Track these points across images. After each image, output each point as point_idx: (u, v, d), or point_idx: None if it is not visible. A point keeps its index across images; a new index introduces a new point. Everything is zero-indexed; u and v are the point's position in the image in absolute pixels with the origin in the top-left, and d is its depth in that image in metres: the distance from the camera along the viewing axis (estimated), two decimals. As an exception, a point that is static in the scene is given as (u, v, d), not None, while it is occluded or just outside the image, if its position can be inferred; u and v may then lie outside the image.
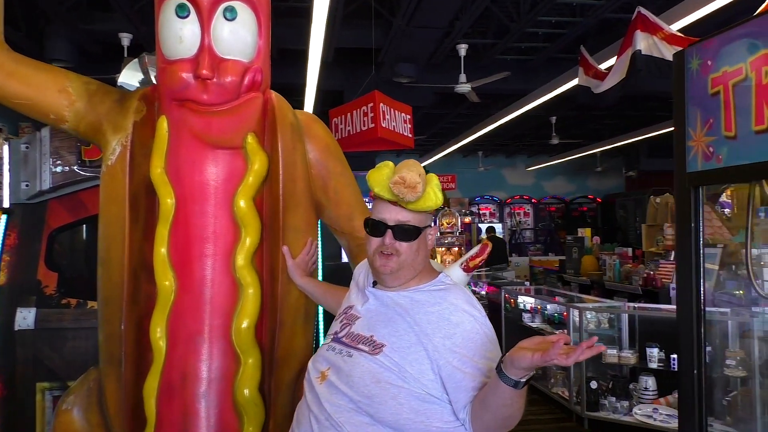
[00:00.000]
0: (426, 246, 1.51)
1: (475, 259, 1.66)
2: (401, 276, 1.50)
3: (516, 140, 13.78)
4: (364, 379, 1.39)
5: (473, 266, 1.66)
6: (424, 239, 1.51)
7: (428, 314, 1.41)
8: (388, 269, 1.48)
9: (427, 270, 1.53)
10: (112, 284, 1.94)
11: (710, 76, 1.81)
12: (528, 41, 7.41)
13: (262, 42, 1.97)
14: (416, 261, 1.49)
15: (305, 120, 2.13)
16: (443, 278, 1.52)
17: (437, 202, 1.45)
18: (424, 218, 1.50)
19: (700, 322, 2.03)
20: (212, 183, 1.96)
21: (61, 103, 1.94)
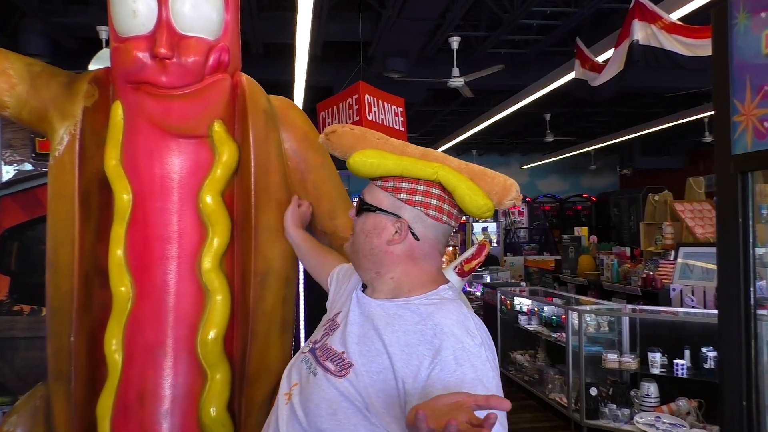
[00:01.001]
0: (383, 237, 1.23)
1: (471, 261, 1.45)
2: (358, 263, 1.29)
3: (510, 138, 13.62)
4: (319, 408, 1.15)
5: (469, 270, 1.45)
6: (381, 226, 1.24)
7: (407, 335, 1.13)
8: (346, 249, 1.32)
9: (422, 281, 1.24)
10: (61, 291, 1.72)
11: (765, 33, 1.50)
12: (521, 34, 7.22)
13: (230, 17, 1.75)
14: (366, 248, 1.25)
15: (280, 106, 1.90)
16: (443, 290, 1.23)
17: (364, 171, 1.24)
18: (381, 197, 1.25)
19: (749, 342, 1.62)
20: (174, 176, 1.74)
21: (1, 87, 1.71)
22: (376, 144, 1.31)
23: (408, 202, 1.23)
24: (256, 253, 1.74)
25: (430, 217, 1.23)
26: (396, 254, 1.23)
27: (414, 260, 1.24)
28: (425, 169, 1.22)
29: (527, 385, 5.41)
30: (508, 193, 1.24)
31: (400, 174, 1.24)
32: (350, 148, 1.32)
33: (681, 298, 5.05)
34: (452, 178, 1.21)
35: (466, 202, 1.21)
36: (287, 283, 1.84)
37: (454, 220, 1.26)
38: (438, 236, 1.25)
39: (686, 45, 4.40)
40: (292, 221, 1.77)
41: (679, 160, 13.80)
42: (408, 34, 6.27)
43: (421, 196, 1.22)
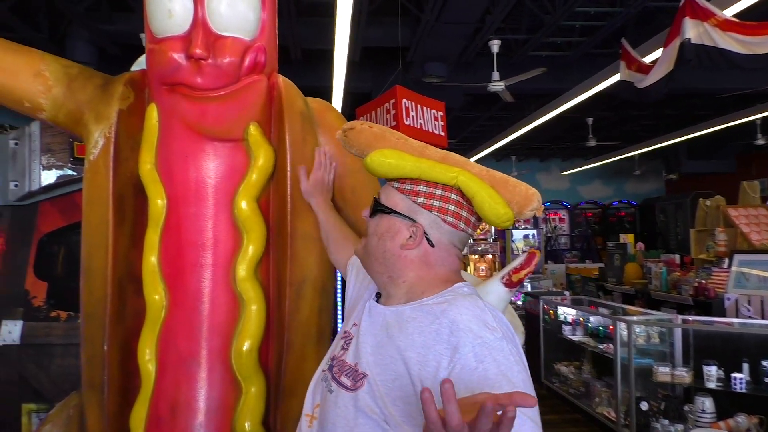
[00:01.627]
0: (396, 240, 1.16)
1: (520, 271, 1.34)
2: (369, 266, 1.22)
3: (550, 143, 13.34)
4: (336, 427, 1.09)
5: (518, 280, 1.34)
6: (395, 230, 1.17)
7: (422, 335, 1.06)
8: (357, 252, 1.25)
9: (436, 282, 1.17)
10: (95, 298, 1.68)
11: None
12: (563, 36, 7.04)
13: (267, 16, 1.69)
14: (378, 252, 1.18)
15: (318, 108, 1.84)
16: (457, 287, 1.16)
17: (381, 171, 1.19)
18: (397, 199, 1.18)
19: None
20: (209, 181, 1.69)
21: (37, 89, 1.69)
22: (395, 144, 1.25)
23: (425, 206, 1.17)
24: (291, 261, 1.68)
25: (447, 224, 1.16)
26: (409, 259, 1.17)
27: (428, 265, 1.17)
28: (445, 173, 1.16)
29: (572, 398, 5.22)
30: (529, 203, 1.19)
31: (418, 177, 1.18)
32: (368, 147, 1.27)
33: (736, 308, 4.80)
34: (472, 185, 1.15)
35: (485, 210, 1.15)
36: (323, 293, 1.77)
37: (472, 227, 1.19)
38: (454, 243, 1.18)
39: (743, 43, 4.18)
40: (316, 194, 1.69)
41: (729, 164, 13.28)
42: (447, 38, 6.17)
43: (439, 201, 1.16)
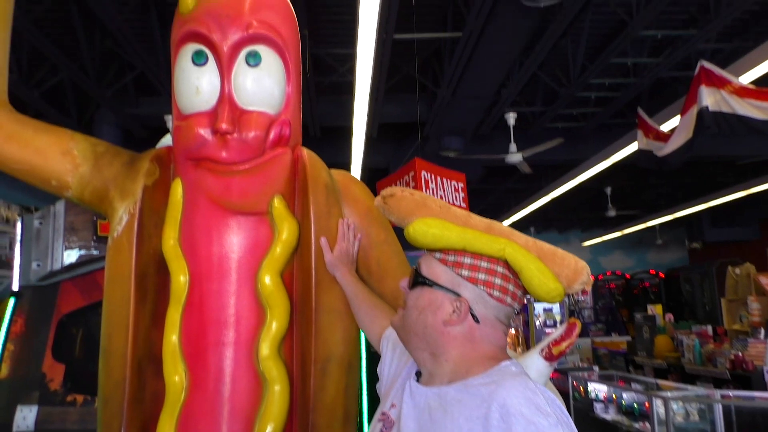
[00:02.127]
0: (438, 315, 1.10)
1: (561, 343, 1.26)
2: (408, 341, 1.15)
3: (569, 214, 13.30)
4: None
5: (558, 353, 1.26)
6: (437, 304, 1.11)
7: (469, 421, 0.98)
8: (394, 324, 1.19)
9: (480, 360, 1.09)
10: (113, 380, 1.61)
11: None
12: (579, 107, 7.13)
13: (291, 90, 1.70)
14: (418, 327, 1.12)
15: (342, 180, 1.82)
16: (504, 366, 1.07)
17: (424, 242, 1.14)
18: (439, 270, 1.13)
19: None
20: (232, 256, 1.65)
21: (64, 168, 1.69)
22: (438, 212, 1.21)
23: (470, 279, 1.11)
24: (316, 337, 1.61)
25: (493, 298, 1.10)
26: (453, 335, 1.10)
27: (473, 342, 1.11)
28: (491, 245, 1.11)
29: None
30: (579, 277, 1.14)
31: (463, 248, 1.12)
32: (409, 215, 1.22)
33: (778, 382, 4.56)
34: (520, 258, 1.10)
35: (534, 285, 1.10)
36: (350, 371, 1.69)
37: (518, 301, 1.14)
38: (500, 318, 1.12)
39: (761, 108, 4.18)
40: (340, 268, 1.64)
41: (753, 231, 13.08)
42: (463, 112, 6.28)
43: (485, 273, 1.11)
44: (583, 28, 5.52)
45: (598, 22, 5.56)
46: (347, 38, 4.13)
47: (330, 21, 5.17)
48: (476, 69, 5.28)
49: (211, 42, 1.58)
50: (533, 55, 5.37)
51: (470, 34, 4.72)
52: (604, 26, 5.63)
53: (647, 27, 5.44)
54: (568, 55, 5.94)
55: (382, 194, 1.30)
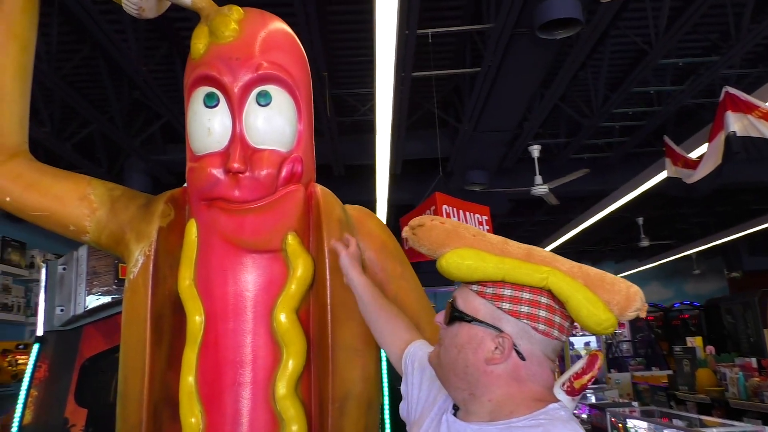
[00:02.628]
0: (480, 353, 1.01)
1: (582, 376, 1.19)
2: (446, 379, 1.07)
3: (601, 245, 13.07)
4: None
5: (580, 387, 1.19)
6: (477, 341, 1.02)
7: None
8: (430, 360, 1.11)
9: (526, 401, 1.02)
10: (129, 425, 1.60)
11: None
12: (603, 137, 7.07)
13: (303, 128, 1.71)
14: (457, 366, 1.03)
15: (357, 215, 1.81)
16: (552, 409, 1.00)
17: (458, 275, 1.04)
18: (478, 304, 1.03)
19: None
20: (247, 294, 1.64)
21: (82, 213, 1.71)
22: (472, 241, 1.11)
23: (511, 313, 1.01)
24: (333, 375, 1.58)
25: (539, 332, 1.01)
26: (496, 374, 1.01)
27: (518, 381, 1.02)
28: (532, 275, 1.02)
29: None
30: (632, 304, 1.04)
31: (502, 279, 1.03)
32: (441, 246, 1.13)
33: (830, 416, 4.32)
34: (565, 287, 1.01)
35: (582, 317, 1.01)
36: (369, 410, 1.65)
37: (566, 334, 1.05)
38: (547, 354, 1.03)
39: (791, 132, 4.09)
40: (354, 268, 1.57)
41: (794, 258, 12.68)
42: (486, 146, 6.28)
43: (528, 306, 1.01)
44: (602, 58, 5.52)
45: (618, 52, 5.55)
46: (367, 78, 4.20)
47: (348, 62, 5.26)
48: (496, 103, 5.30)
49: (222, 84, 1.60)
50: (553, 87, 5.37)
51: (488, 69, 4.75)
52: (624, 56, 5.62)
53: (667, 55, 5.41)
54: (590, 86, 5.93)
55: (411, 225, 1.23)
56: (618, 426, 5.40)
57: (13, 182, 1.70)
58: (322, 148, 6.59)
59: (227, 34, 1.63)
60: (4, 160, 1.71)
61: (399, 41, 3.65)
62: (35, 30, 1.78)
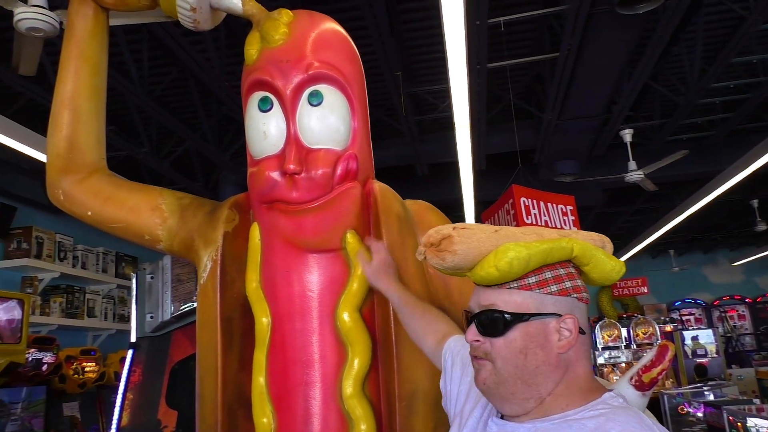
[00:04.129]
0: (549, 346, 0.95)
1: (651, 369, 1.09)
2: (507, 397, 0.97)
3: (713, 231, 12.16)
4: None
5: (650, 381, 1.09)
6: (543, 335, 0.95)
7: None
8: (482, 385, 0.98)
9: (581, 389, 0.96)
10: (207, 425, 1.65)
11: None
12: (703, 115, 6.58)
13: (358, 125, 1.70)
14: (527, 371, 0.95)
15: (417, 210, 1.78)
16: (608, 398, 0.94)
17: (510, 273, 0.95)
18: (525, 298, 0.96)
19: None
20: (310, 294, 1.65)
21: (154, 222, 1.80)
22: (497, 237, 1.03)
23: (561, 292, 0.97)
24: (399, 373, 1.55)
25: (582, 301, 1.00)
26: (561, 363, 0.96)
27: (572, 365, 0.97)
28: (563, 249, 0.99)
29: None
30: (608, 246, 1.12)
31: (543, 262, 0.98)
32: (479, 253, 1.02)
33: None
34: (586, 249, 1.01)
35: (607, 270, 1.03)
36: (437, 407, 1.58)
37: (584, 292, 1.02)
38: (586, 321, 1.00)
39: None
40: (382, 277, 1.53)
41: None
42: (573, 135, 6.01)
43: (568, 280, 0.99)
44: (695, 30, 5.12)
45: (713, 22, 5.13)
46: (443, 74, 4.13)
47: (424, 59, 5.21)
48: (580, 88, 5.05)
49: (274, 87, 1.63)
50: (641, 66, 5.05)
51: (567, 52, 4.55)
52: (720, 25, 5.19)
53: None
54: (684, 61, 5.53)
55: (430, 241, 1.08)
56: (737, 425, 4.98)
57: (94, 197, 1.81)
58: (403, 149, 6.62)
59: (277, 38, 1.65)
60: (85, 176, 1.82)
61: (469, 32, 3.56)
62: (106, 53, 1.88)
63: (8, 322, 3.94)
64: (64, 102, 1.79)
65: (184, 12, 1.61)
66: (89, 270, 6.46)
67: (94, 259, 6.62)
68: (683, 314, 13.85)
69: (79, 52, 1.80)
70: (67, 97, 1.79)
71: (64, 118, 1.78)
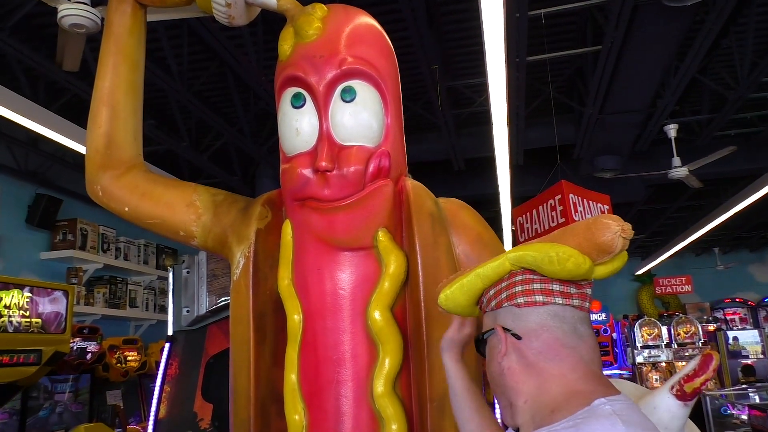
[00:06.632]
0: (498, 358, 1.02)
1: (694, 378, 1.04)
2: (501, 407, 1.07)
3: (761, 229, 11.75)
4: None
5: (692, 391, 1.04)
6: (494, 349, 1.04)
7: None
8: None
9: (575, 390, 0.94)
10: (240, 420, 1.66)
11: None
12: (754, 110, 6.33)
13: (391, 121, 1.68)
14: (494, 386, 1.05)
15: (450, 208, 1.74)
16: (599, 405, 0.90)
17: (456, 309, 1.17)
18: (487, 322, 1.09)
19: None
20: (342, 293, 1.64)
21: (189, 218, 1.81)
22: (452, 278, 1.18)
23: (497, 305, 1.05)
24: (430, 373, 1.53)
25: (521, 306, 1.00)
26: (512, 369, 1.00)
27: (534, 366, 0.98)
28: (496, 267, 1.06)
29: None
30: (599, 233, 0.97)
31: (484, 287, 1.09)
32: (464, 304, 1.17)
33: None
34: (526, 253, 1.00)
35: (544, 266, 0.98)
36: (469, 409, 1.57)
37: (560, 295, 0.99)
38: (544, 322, 0.98)
39: None
40: (453, 351, 1.35)
41: None
42: (615, 129, 5.87)
43: (506, 291, 1.04)
44: (747, 23, 4.93)
45: (764, 14, 4.93)
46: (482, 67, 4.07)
47: (462, 53, 5.16)
48: (622, 82, 4.92)
49: (307, 84, 1.61)
50: (689, 59, 4.89)
51: (611, 45, 4.43)
52: (773, 16, 4.99)
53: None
54: (734, 54, 5.33)
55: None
56: (784, 431, 4.80)
57: (131, 193, 1.83)
58: (439, 143, 6.56)
59: (311, 33, 1.63)
60: (123, 172, 1.84)
61: (509, 24, 3.50)
62: (143, 50, 1.90)
63: (53, 313, 4.06)
64: (102, 98, 1.82)
65: (219, 8, 1.61)
66: (131, 261, 6.62)
67: (136, 251, 6.78)
68: (727, 314, 13.44)
69: (117, 48, 1.82)
70: (106, 94, 1.81)
71: (103, 115, 1.81)
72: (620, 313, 13.19)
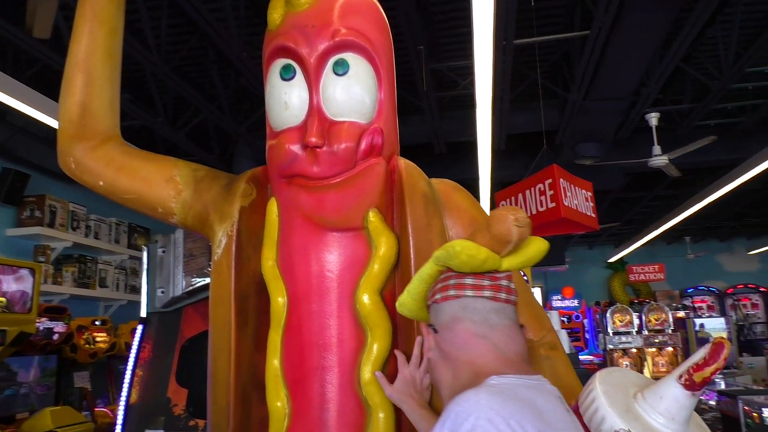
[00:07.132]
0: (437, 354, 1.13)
1: (704, 368, 0.99)
2: None
3: (732, 220, 11.95)
4: None
5: (702, 380, 1.00)
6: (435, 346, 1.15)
7: None
8: None
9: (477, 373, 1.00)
10: (218, 407, 1.58)
11: None
12: (734, 100, 6.37)
13: (384, 97, 1.60)
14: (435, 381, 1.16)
15: (444, 189, 1.68)
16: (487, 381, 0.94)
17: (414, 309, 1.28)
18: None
19: None
20: (329, 275, 1.56)
21: (168, 194, 1.71)
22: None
23: (444, 299, 1.13)
24: (420, 361, 1.47)
25: (439, 302, 1.12)
26: (436, 362, 1.11)
27: (448, 356, 1.07)
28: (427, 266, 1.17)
29: None
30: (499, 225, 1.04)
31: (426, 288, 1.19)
32: None
33: None
34: (439, 250, 1.11)
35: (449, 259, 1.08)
36: (459, 397, 1.53)
37: (472, 288, 1.06)
38: (456, 314, 1.07)
39: None
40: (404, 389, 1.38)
41: None
42: (598, 116, 5.85)
43: (431, 291, 1.16)
44: (734, 12, 4.93)
45: (755, 4, 4.93)
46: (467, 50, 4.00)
47: (449, 35, 5.06)
48: (608, 68, 4.88)
49: (298, 55, 1.53)
50: (674, 47, 4.87)
51: (599, 31, 4.38)
52: (760, 8, 4.98)
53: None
54: (719, 44, 5.33)
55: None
56: (752, 415, 4.88)
57: (107, 166, 1.72)
58: (421, 126, 6.48)
59: (303, 1, 1.54)
60: (98, 144, 1.73)
61: (498, 6, 3.42)
62: (122, 16, 1.78)
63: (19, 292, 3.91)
64: (77, 64, 1.70)
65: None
66: (102, 240, 6.45)
67: (107, 230, 6.60)
68: (695, 301, 13.74)
69: (93, 12, 1.70)
70: (81, 59, 1.70)
71: (77, 81, 1.69)
72: (592, 299, 13.37)
